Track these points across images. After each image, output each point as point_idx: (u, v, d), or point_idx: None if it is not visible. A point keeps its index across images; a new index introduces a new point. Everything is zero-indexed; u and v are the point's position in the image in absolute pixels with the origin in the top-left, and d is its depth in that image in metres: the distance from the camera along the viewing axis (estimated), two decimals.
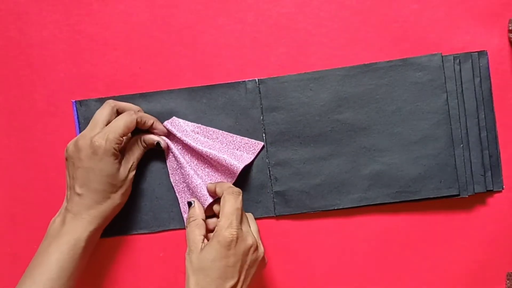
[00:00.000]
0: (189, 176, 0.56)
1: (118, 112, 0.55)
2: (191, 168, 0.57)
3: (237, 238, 0.50)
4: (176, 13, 0.58)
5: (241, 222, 0.51)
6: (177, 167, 0.58)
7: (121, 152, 0.54)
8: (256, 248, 0.51)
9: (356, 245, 0.58)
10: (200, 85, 0.58)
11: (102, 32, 0.59)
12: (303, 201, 0.57)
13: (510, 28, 0.56)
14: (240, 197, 0.52)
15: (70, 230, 0.51)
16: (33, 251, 0.58)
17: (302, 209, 0.57)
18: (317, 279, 0.58)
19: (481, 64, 0.57)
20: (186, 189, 0.58)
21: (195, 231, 0.53)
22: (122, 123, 0.53)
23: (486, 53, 0.57)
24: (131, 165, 0.55)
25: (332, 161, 0.57)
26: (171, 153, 0.58)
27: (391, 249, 0.58)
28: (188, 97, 0.58)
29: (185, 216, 0.58)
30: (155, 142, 0.56)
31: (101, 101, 0.58)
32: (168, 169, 0.58)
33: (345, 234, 0.58)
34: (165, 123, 0.57)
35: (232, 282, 0.49)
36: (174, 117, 0.58)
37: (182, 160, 0.57)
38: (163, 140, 0.57)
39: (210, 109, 0.58)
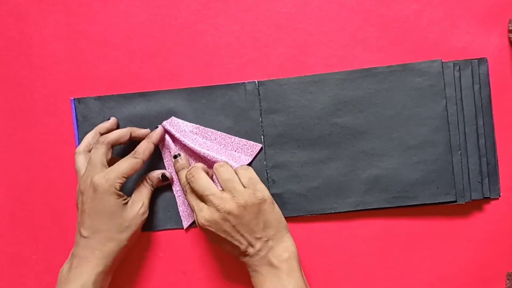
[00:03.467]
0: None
1: (112, 146, 0.55)
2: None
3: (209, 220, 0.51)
4: (176, 13, 0.58)
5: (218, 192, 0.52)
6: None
7: (130, 194, 0.55)
8: (224, 214, 0.51)
9: (353, 249, 0.58)
10: (199, 86, 0.58)
11: (102, 32, 0.59)
12: (300, 204, 0.57)
13: (510, 28, 0.56)
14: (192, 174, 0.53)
15: (77, 275, 0.51)
16: (33, 251, 0.58)
17: (299, 212, 0.57)
18: (313, 282, 0.58)
19: (480, 71, 0.57)
20: (169, 172, 0.58)
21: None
22: (127, 164, 0.53)
23: (486, 60, 0.57)
24: (141, 206, 0.54)
25: (330, 165, 0.57)
26: (169, 153, 0.58)
27: (388, 253, 0.58)
28: (188, 97, 0.58)
29: (183, 216, 0.58)
30: (160, 176, 0.56)
31: (100, 99, 0.58)
32: (167, 168, 0.58)
33: (342, 238, 0.58)
34: (164, 123, 0.57)
35: (242, 247, 0.52)
36: (173, 117, 0.58)
37: None
38: (167, 172, 0.57)
39: (209, 110, 0.58)
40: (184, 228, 0.58)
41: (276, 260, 0.52)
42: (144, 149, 0.54)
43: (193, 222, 0.58)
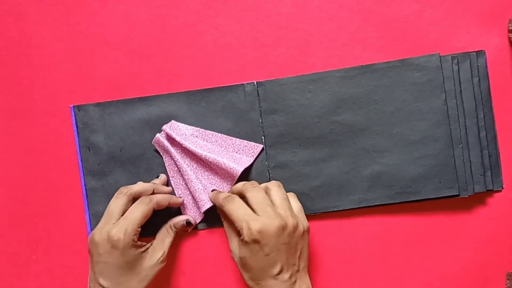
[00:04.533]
0: (189, 180, 0.56)
1: (134, 198, 0.54)
2: (191, 172, 0.57)
3: (260, 231, 0.49)
4: (176, 13, 0.58)
5: (262, 209, 0.50)
6: (177, 170, 0.58)
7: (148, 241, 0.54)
8: (286, 227, 0.50)
9: (356, 246, 0.58)
10: (199, 89, 0.58)
11: (102, 32, 0.59)
12: (303, 203, 0.57)
13: (510, 28, 0.56)
14: (248, 193, 0.52)
15: None
16: (33, 251, 0.58)
17: None
18: (317, 280, 0.58)
19: (479, 64, 0.57)
20: (186, 192, 0.58)
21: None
22: (139, 214, 0.52)
23: (484, 52, 0.57)
24: (161, 255, 0.54)
25: (332, 163, 0.57)
26: (170, 157, 0.58)
27: (392, 250, 0.58)
28: (187, 100, 0.58)
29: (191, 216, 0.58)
30: (185, 223, 0.56)
31: (99, 105, 0.58)
32: (168, 172, 0.58)
33: (345, 235, 0.58)
34: (164, 127, 0.57)
35: (277, 269, 0.49)
36: (173, 121, 0.58)
37: (181, 164, 0.57)
38: (191, 217, 0.57)
39: (209, 112, 0.58)
40: (188, 231, 0.58)
41: None
42: (158, 200, 0.54)
43: (196, 225, 0.58)
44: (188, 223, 0.56)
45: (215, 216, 0.57)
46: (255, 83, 0.57)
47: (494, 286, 0.57)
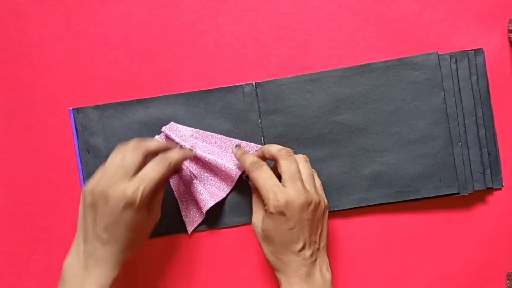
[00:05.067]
0: (189, 181, 0.56)
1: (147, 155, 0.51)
2: (190, 173, 0.57)
3: (286, 203, 0.48)
4: (176, 13, 0.58)
5: (292, 182, 0.50)
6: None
7: None
8: (311, 203, 0.49)
9: (356, 246, 0.58)
10: (198, 90, 0.58)
11: (102, 32, 0.59)
12: None
13: (510, 28, 0.56)
14: (281, 160, 0.51)
15: (94, 276, 0.48)
16: (33, 251, 0.58)
17: None
18: None
19: (477, 62, 0.57)
20: (186, 193, 0.58)
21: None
22: (157, 175, 0.49)
23: (483, 51, 0.57)
24: (156, 213, 0.52)
25: (331, 163, 0.57)
26: None
27: (392, 249, 0.58)
28: (186, 102, 0.58)
29: (187, 222, 0.58)
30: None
31: (98, 108, 0.58)
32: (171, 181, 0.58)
33: (345, 235, 0.58)
34: (163, 128, 0.57)
35: (300, 245, 0.49)
36: (172, 122, 0.58)
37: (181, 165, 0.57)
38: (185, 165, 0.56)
39: (208, 113, 0.58)
40: (189, 233, 0.58)
41: (321, 276, 0.50)
42: (177, 158, 0.52)
43: (197, 227, 0.58)
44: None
45: (215, 217, 0.57)
46: (254, 84, 0.57)
47: (494, 286, 0.57)
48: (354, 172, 0.57)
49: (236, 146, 0.56)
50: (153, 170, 0.49)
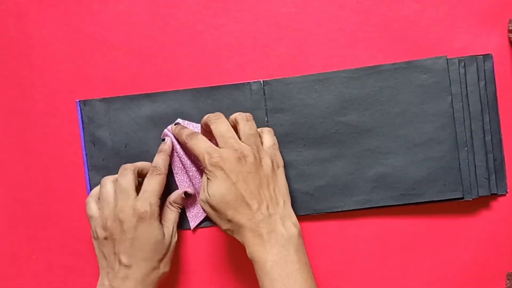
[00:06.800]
0: (193, 177, 0.56)
1: (138, 173, 0.54)
2: (195, 169, 0.57)
3: (221, 158, 0.48)
4: (176, 13, 0.58)
5: (223, 141, 0.50)
6: (182, 167, 0.58)
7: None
8: (246, 156, 0.49)
9: (359, 247, 0.58)
10: (204, 86, 0.58)
11: (103, 32, 0.59)
12: (307, 202, 0.57)
13: (510, 28, 0.56)
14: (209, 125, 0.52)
15: None
16: (33, 251, 0.58)
17: (306, 210, 0.57)
18: (319, 281, 0.58)
19: (486, 68, 0.57)
20: (191, 189, 0.58)
21: None
22: (157, 184, 0.52)
23: (491, 56, 0.57)
24: (172, 231, 0.54)
25: (336, 163, 0.57)
26: (175, 154, 0.58)
27: (394, 251, 0.58)
28: (193, 98, 0.58)
29: (190, 217, 0.58)
30: (182, 195, 0.56)
31: (105, 101, 0.58)
32: (173, 169, 0.58)
33: (348, 236, 0.58)
34: (168, 128, 0.57)
35: (250, 200, 0.48)
36: (179, 119, 0.57)
37: (186, 161, 0.57)
38: (189, 188, 0.57)
39: (215, 110, 0.57)
40: (192, 228, 0.58)
41: (285, 230, 0.49)
42: (164, 163, 0.54)
43: (200, 223, 0.58)
44: (187, 194, 0.56)
45: None
46: (262, 81, 0.57)
47: (494, 286, 0.57)
48: (358, 173, 0.57)
49: (175, 124, 0.56)
50: (150, 183, 0.53)
